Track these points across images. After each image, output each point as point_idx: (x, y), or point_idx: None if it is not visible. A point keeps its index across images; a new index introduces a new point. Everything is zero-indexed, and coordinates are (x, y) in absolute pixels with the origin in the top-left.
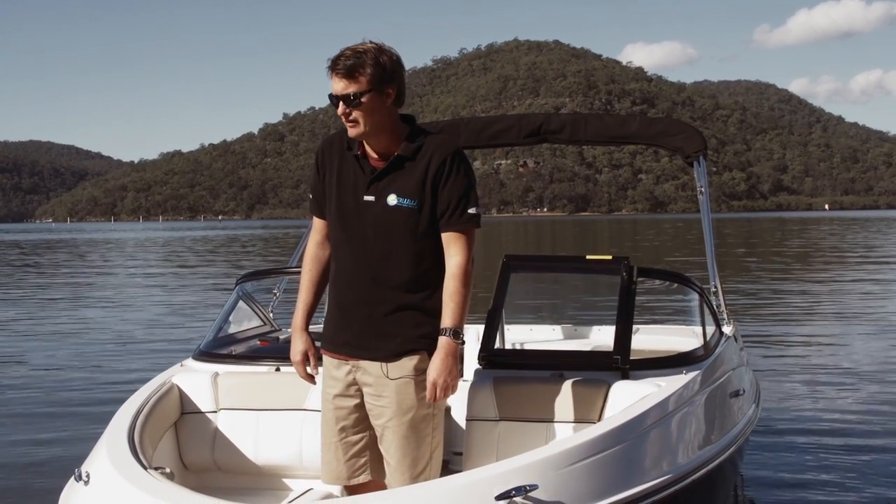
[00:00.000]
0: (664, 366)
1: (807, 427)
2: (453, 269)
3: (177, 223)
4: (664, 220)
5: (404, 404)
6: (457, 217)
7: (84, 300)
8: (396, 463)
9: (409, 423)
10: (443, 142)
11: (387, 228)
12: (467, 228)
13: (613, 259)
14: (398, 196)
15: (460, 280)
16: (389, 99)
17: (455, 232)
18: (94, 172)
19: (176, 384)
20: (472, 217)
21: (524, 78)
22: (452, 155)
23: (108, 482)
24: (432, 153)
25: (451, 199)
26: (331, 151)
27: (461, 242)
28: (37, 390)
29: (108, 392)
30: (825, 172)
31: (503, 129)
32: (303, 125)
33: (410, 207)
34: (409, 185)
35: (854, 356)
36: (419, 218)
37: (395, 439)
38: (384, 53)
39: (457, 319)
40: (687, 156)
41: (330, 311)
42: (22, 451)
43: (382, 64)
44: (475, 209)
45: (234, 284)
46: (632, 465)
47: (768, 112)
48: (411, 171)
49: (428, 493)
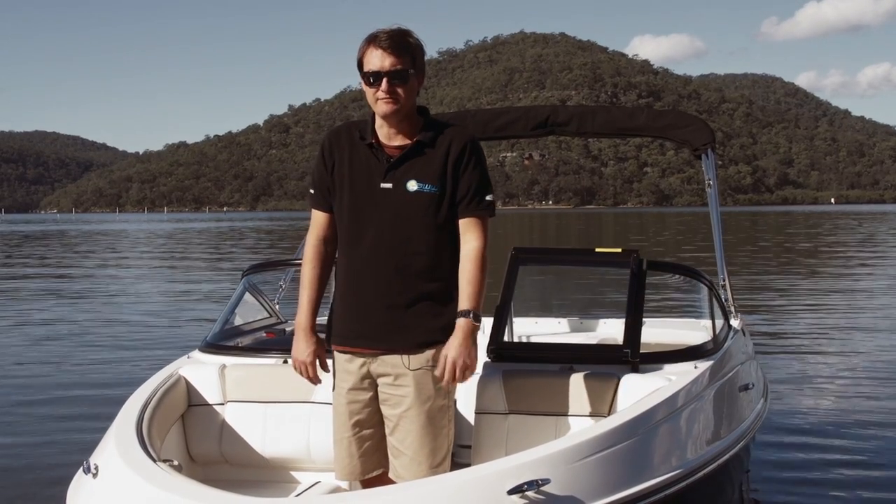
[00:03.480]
0: (674, 359)
1: (814, 422)
2: (471, 252)
3: (182, 214)
4: (670, 213)
5: (423, 394)
6: (475, 203)
7: (89, 291)
8: (413, 453)
9: (428, 413)
10: (461, 130)
11: (406, 215)
12: (485, 215)
13: (623, 252)
14: (419, 182)
15: (478, 264)
16: (421, 84)
17: (473, 218)
18: (99, 163)
19: (183, 376)
20: (489, 204)
21: (530, 70)
22: (472, 142)
23: (117, 475)
24: (451, 140)
25: (471, 185)
26: (339, 142)
27: (479, 228)
28: (42, 382)
29: (114, 384)
30: (831, 166)
31: (510, 122)
32: (308, 117)
33: (432, 192)
34: (430, 171)
35: (863, 351)
36: (441, 203)
37: (414, 429)
38: (412, 37)
39: (475, 302)
40: (695, 149)
41: (339, 305)
42: (29, 443)
43: (422, 49)
44: (491, 197)
45: (241, 276)
46: (643, 460)
47: (774, 105)
48: (431, 157)
49: (439, 487)
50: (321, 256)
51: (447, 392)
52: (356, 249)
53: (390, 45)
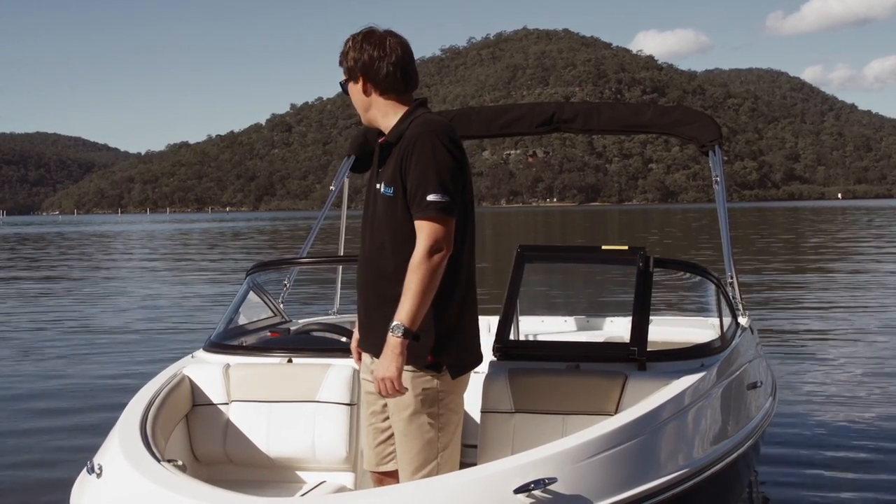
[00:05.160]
0: (681, 357)
1: (824, 420)
2: (412, 260)
3: (184, 215)
4: (675, 209)
5: (401, 401)
6: (416, 204)
7: (93, 291)
8: (399, 459)
9: (407, 421)
10: (420, 123)
11: (379, 219)
12: (429, 216)
13: (629, 249)
14: (384, 184)
15: (415, 271)
16: (368, 83)
17: (419, 220)
18: (100, 164)
19: (187, 376)
20: (430, 204)
21: (533, 67)
22: (420, 136)
23: (121, 475)
24: (409, 136)
25: (412, 184)
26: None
27: (423, 231)
28: (46, 381)
29: (118, 383)
30: (838, 161)
31: (515, 119)
32: (310, 116)
33: (389, 196)
34: (390, 172)
35: (872, 348)
36: (396, 206)
37: (397, 436)
38: (352, 43)
39: (407, 314)
40: (702, 145)
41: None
42: (33, 442)
43: (354, 51)
44: (436, 195)
45: (245, 275)
46: (650, 459)
47: (780, 100)
48: (393, 157)
49: (444, 487)
50: None
51: (434, 400)
52: (360, 253)
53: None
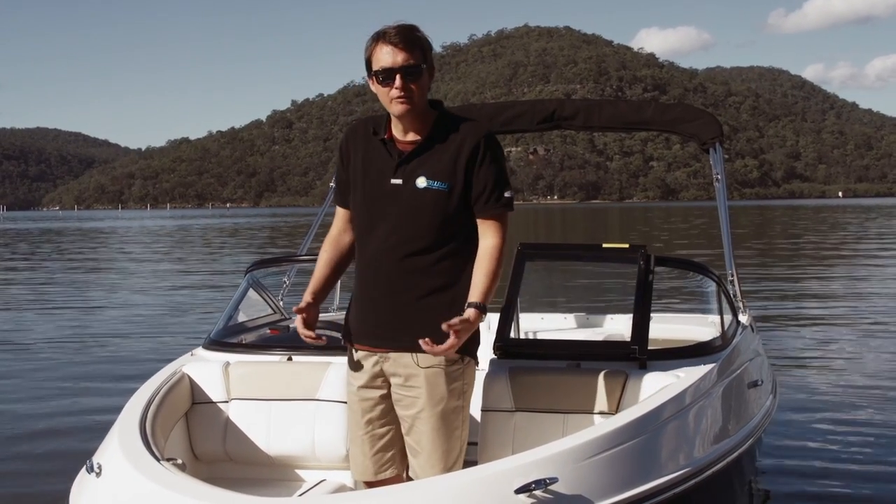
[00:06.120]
0: (682, 356)
1: (825, 418)
2: (490, 249)
3: (184, 211)
4: (676, 207)
5: (436, 395)
6: (493, 201)
7: (92, 288)
8: (427, 455)
9: (441, 415)
10: (475, 125)
11: (414, 212)
12: (503, 212)
13: (630, 247)
14: (428, 178)
15: (497, 260)
16: (431, 80)
17: (492, 215)
18: (101, 160)
19: (187, 374)
20: (508, 200)
21: (535, 64)
22: (486, 138)
23: (121, 474)
24: (465, 136)
25: (487, 183)
26: (355, 139)
27: (497, 225)
28: (45, 379)
29: (117, 382)
30: (839, 160)
31: (516, 115)
32: (311, 112)
33: (441, 189)
34: (440, 168)
35: (872, 346)
36: (449, 201)
37: (427, 431)
38: (418, 30)
39: (485, 296)
40: (703, 142)
41: (353, 304)
42: (32, 442)
43: (430, 44)
44: (510, 193)
45: (244, 273)
46: (651, 458)
47: (781, 99)
48: (441, 153)
49: (446, 486)
50: (338, 243)
51: (461, 392)
52: (367, 246)
53: (401, 41)
